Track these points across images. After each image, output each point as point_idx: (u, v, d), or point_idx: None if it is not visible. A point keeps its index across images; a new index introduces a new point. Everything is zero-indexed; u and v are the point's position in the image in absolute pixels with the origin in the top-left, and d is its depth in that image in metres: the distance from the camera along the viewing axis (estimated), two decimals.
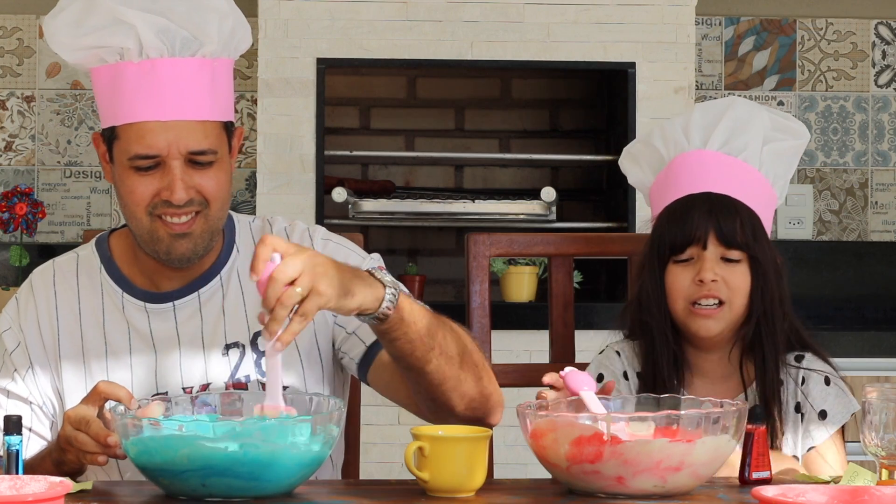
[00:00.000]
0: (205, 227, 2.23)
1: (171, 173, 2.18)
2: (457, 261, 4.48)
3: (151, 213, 2.20)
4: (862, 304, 4.55)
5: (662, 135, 2.46)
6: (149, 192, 2.19)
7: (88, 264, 2.33)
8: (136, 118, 2.18)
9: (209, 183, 2.21)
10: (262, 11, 4.05)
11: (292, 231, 2.35)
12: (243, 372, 2.27)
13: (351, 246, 2.36)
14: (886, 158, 4.62)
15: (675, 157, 2.43)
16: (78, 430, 2.02)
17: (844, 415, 2.36)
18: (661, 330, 2.39)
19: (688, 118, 2.45)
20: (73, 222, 4.46)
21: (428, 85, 4.55)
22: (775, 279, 2.38)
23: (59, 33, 2.20)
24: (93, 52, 2.20)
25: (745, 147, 2.40)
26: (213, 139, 2.21)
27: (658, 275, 2.39)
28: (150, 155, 2.18)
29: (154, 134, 2.17)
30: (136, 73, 2.18)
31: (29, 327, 2.30)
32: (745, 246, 2.36)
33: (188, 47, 2.19)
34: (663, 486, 1.93)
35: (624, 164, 2.55)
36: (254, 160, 4.22)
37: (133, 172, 2.20)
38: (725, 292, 2.35)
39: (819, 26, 4.61)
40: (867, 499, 1.75)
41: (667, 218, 2.41)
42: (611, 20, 4.11)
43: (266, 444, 1.85)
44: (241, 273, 2.32)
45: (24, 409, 2.27)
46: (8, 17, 4.48)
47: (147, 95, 2.18)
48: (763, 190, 2.41)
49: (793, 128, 2.46)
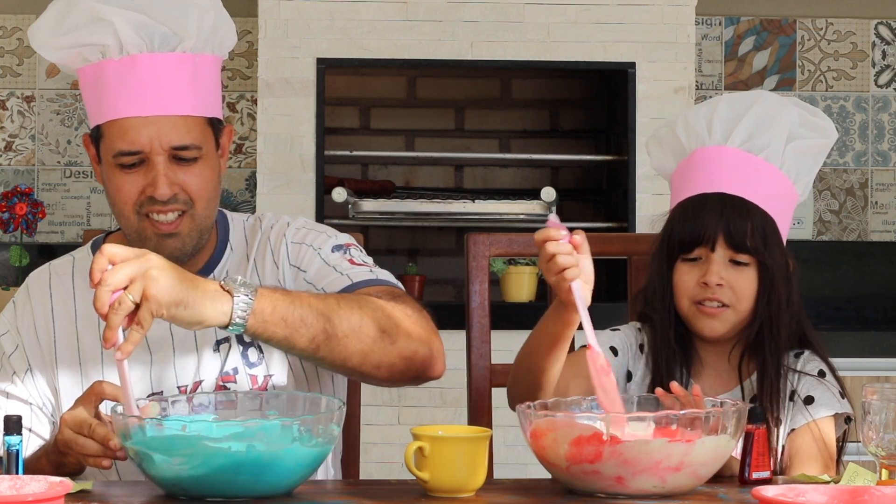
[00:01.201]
0: (192, 226, 2.23)
1: (154, 169, 2.19)
2: (457, 261, 4.48)
3: (139, 213, 2.21)
4: (862, 304, 4.55)
5: (686, 124, 2.41)
6: (135, 190, 2.20)
7: (84, 266, 2.33)
8: (118, 115, 2.19)
9: (194, 180, 2.21)
10: (262, 11, 4.05)
11: (274, 224, 2.37)
12: (230, 365, 2.28)
13: (323, 228, 2.37)
14: (886, 158, 4.62)
15: (695, 149, 2.40)
16: (79, 434, 2.01)
17: (829, 408, 2.33)
18: (662, 326, 2.38)
19: (713, 110, 2.40)
20: (73, 222, 4.46)
21: (428, 85, 4.55)
22: (783, 284, 2.35)
23: (40, 33, 2.21)
24: (75, 51, 2.20)
25: (768, 145, 2.36)
26: (197, 134, 2.21)
27: (666, 270, 2.38)
28: (133, 151, 2.18)
29: (136, 130, 2.18)
30: (117, 70, 2.19)
31: (26, 330, 2.30)
32: (754, 251, 2.33)
33: (167, 43, 2.20)
34: (663, 487, 1.93)
35: (650, 147, 2.52)
36: (254, 160, 4.22)
37: (118, 170, 2.20)
38: (730, 296, 2.33)
39: (819, 26, 4.61)
40: (867, 499, 1.75)
41: (679, 214, 2.39)
42: (611, 20, 4.11)
43: (267, 445, 1.85)
44: (231, 272, 2.33)
45: (23, 411, 2.27)
46: (8, 17, 4.48)
47: (128, 91, 2.18)
48: (782, 189, 2.38)
49: (821, 125, 2.41)
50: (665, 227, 2.41)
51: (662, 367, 2.38)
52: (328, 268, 2.28)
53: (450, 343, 2.36)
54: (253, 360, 2.28)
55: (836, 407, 2.33)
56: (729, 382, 2.38)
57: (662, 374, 2.37)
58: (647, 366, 2.41)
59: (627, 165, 4.14)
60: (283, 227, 2.35)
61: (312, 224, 2.38)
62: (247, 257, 2.34)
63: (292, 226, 2.35)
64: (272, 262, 2.32)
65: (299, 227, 2.35)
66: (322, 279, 2.27)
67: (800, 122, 2.39)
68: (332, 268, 2.28)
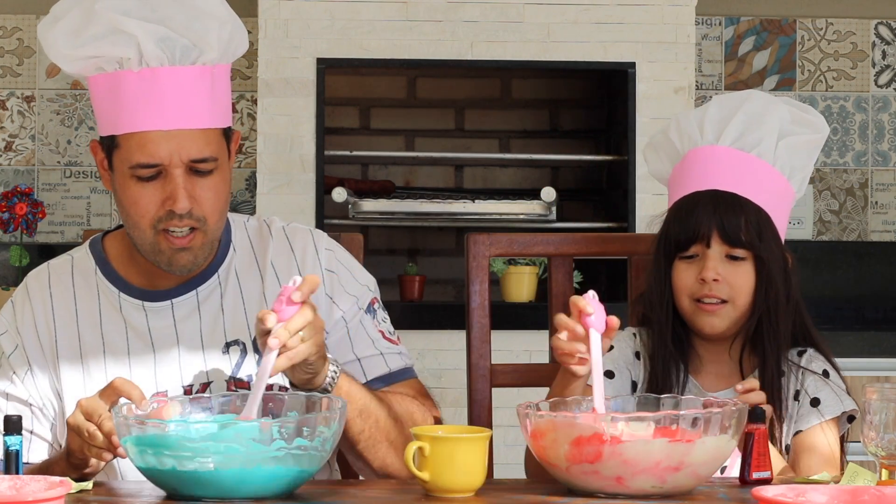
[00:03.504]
0: (204, 240, 2.23)
1: (173, 181, 2.18)
2: (457, 261, 4.48)
3: (155, 228, 2.20)
4: (862, 304, 4.55)
5: (678, 127, 2.44)
6: (153, 204, 2.19)
7: (83, 266, 2.33)
8: (138, 127, 2.17)
9: (208, 195, 2.21)
10: (262, 11, 4.05)
11: (293, 233, 2.36)
12: (245, 371, 2.27)
13: (349, 262, 2.39)
14: (886, 158, 4.62)
15: (688, 151, 2.43)
16: (89, 421, 2.02)
17: (835, 409, 2.35)
18: (661, 327, 2.39)
19: (704, 111, 2.43)
20: (73, 222, 4.46)
21: (428, 85, 4.55)
22: (781, 278, 2.37)
23: (58, 44, 2.19)
24: (91, 62, 2.19)
25: (760, 142, 2.38)
26: (214, 146, 2.21)
27: (664, 271, 2.40)
28: (152, 164, 2.18)
29: (156, 143, 2.17)
30: (136, 81, 2.17)
31: (26, 329, 2.30)
32: (749, 245, 2.35)
33: (188, 56, 2.19)
34: (662, 487, 1.93)
35: (647, 154, 2.55)
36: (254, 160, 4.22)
37: (134, 182, 2.20)
38: (727, 292, 2.35)
39: (819, 26, 4.61)
40: (867, 499, 1.75)
41: (673, 215, 2.41)
42: (611, 20, 4.12)
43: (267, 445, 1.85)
44: (239, 272, 2.33)
45: (24, 412, 2.26)
46: (8, 17, 4.48)
47: (148, 104, 2.17)
48: (776, 185, 2.40)
49: (812, 121, 2.43)
50: (661, 228, 2.43)
51: (659, 367, 2.39)
52: (364, 333, 2.36)
53: (450, 343, 2.36)
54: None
55: (840, 407, 2.34)
56: (730, 379, 2.39)
57: (658, 374, 2.38)
58: (646, 369, 2.42)
59: (627, 165, 4.14)
60: (307, 241, 2.36)
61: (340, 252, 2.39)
62: (257, 261, 2.33)
63: (320, 247, 2.36)
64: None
65: (329, 249, 2.37)
66: (357, 343, 2.35)
67: (790, 118, 2.41)
68: (370, 339, 2.36)
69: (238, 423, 1.92)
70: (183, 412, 2.03)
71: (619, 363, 2.44)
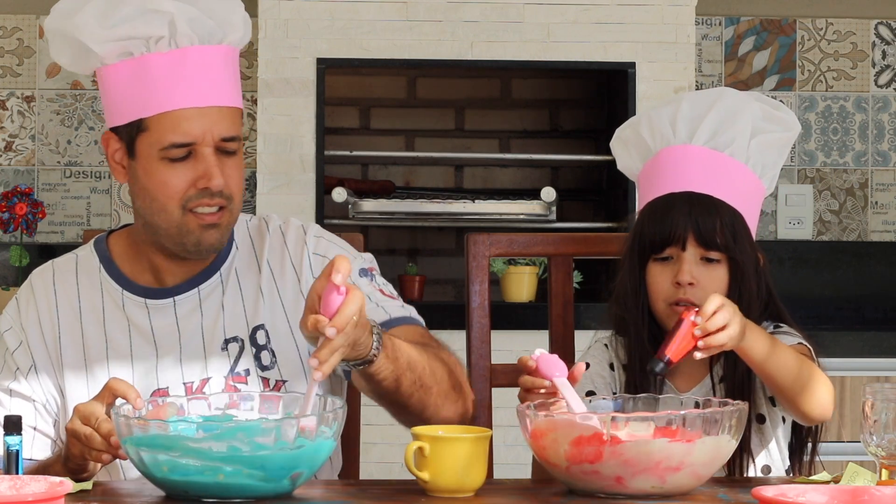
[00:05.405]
0: (230, 219, 2.26)
1: (205, 160, 2.21)
2: (457, 261, 4.48)
3: (184, 207, 2.22)
4: (862, 304, 4.55)
5: (650, 125, 2.43)
6: (183, 184, 2.21)
7: (87, 264, 2.34)
8: (171, 106, 2.20)
9: (234, 174, 2.24)
10: (262, 11, 4.05)
11: (287, 229, 2.37)
12: (242, 366, 2.29)
13: (343, 244, 2.38)
14: (886, 158, 4.62)
15: (661, 149, 2.42)
16: (86, 426, 2.02)
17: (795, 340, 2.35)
18: (636, 327, 2.39)
19: (676, 109, 2.41)
20: (73, 222, 4.46)
21: (428, 85, 4.55)
22: (755, 279, 2.37)
23: (89, 25, 2.21)
24: (121, 44, 2.21)
25: (732, 141, 2.38)
26: (239, 125, 2.26)
27: (637, 271, 2.40)
28: (186, 143, 2.20)
29: (190, 121, 2.20)
30: (165, 62, 2.20)
31: (30, 326, 2.31)
32: (725, 247, 2.35)
33: (215, 35, 2.23)
34: (662, 487, 1.93)
35: (614, 148, 2.54)
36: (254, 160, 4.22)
37: (164, 164, 2.21)
38: (701, 296, 2.32)
39: (819, 26, 4.61)
40: (867, 499, 1.75)
41: (648, 215, 2.40)
42: (611, 20, 4.11)
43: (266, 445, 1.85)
44: (239, 270, 2.34)
45: (27, 408, 2.27)
46: (8, 17, 4.48)
47: (181, 83, 2.20)
48: (750, 185, 2.40)
49: (783, 118, 2.43)
50: (635, 227, 2.43)
51: (636, 368, 2.38)
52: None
53: (450, 343, 2.36)
54: (266, 364, 2.29)
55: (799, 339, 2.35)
56: (699, 377, 2.39)
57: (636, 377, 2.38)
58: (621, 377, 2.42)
59: None
60: (299, 235, 2.36)
61: (330, 236, 2.39)
62: (255, 259, 2.34)
63: (310, 234, 2.36)
64: (292, 271, 2.33)
65: (318, 236, 2.37)
66: None
67: (762, 116, 2.41)
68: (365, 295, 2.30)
69: (239, 423, 1.92)
70: (180, 412, 2.02)
71: (596, 381, 2.44)
